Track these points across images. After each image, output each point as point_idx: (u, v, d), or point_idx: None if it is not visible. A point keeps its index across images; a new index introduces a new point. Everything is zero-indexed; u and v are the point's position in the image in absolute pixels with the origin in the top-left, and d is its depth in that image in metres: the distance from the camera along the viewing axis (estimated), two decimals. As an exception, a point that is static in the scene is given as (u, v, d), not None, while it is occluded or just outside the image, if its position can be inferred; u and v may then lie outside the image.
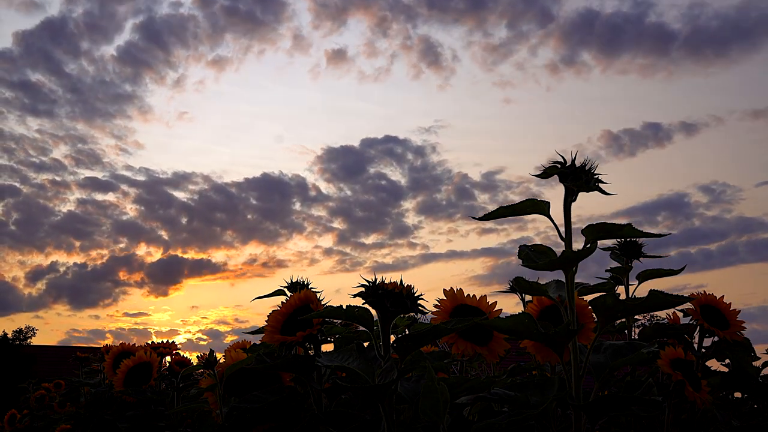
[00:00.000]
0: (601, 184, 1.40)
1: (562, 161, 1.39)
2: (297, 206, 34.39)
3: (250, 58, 32.97)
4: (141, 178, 34.93)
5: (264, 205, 33.97)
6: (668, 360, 1.64)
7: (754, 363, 2.11)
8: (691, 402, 1.66)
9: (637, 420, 1.92)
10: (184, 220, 33.97)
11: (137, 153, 35.72)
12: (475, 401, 1.51)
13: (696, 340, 1.90)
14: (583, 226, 1.42)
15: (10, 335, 23.32)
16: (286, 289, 2.06)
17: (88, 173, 35.08)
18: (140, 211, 33.93)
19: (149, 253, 33.71)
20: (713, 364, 2.04)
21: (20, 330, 24.08)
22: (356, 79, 34.06)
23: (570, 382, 1.43)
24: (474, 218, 1.51)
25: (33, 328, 24.48)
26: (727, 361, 2.10)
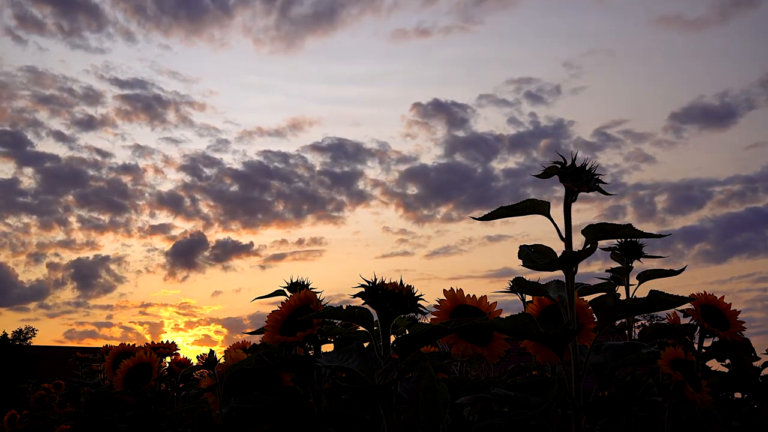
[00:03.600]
0: (600, 185, 1.40)
1: (563, 161, 1.39)
2: (367, 175, 29.58)
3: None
4: (194, 142, 29.89)
5: (327, 175, 29.24)
6: (668, 360, 1.64)
7: (754, 363, 2.11)
8: (692, 402, 1.66)
9: (637, 420, 1.92)
10: (229, 193, 29.24)
11: (201, 102, 30.04)
12: (475, 401, 1.51)
13: (696, 340, 1.90)
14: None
15: (10, 335, 23.30)
16: (286, 290, 2.06)
17: (135, 133, 30.57)
18: (182, 182, 29.56)
19: (183, 233, 29.75)
20: (713, 364, 2.04)
21: (20, 330, 24.04)
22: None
23: (570, 382, 1.43)
24: (474, 218, 1.51)
25: (33, 329, 24.42)
26: (727, 361, 2.10)
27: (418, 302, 1.51)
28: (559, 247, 1.44)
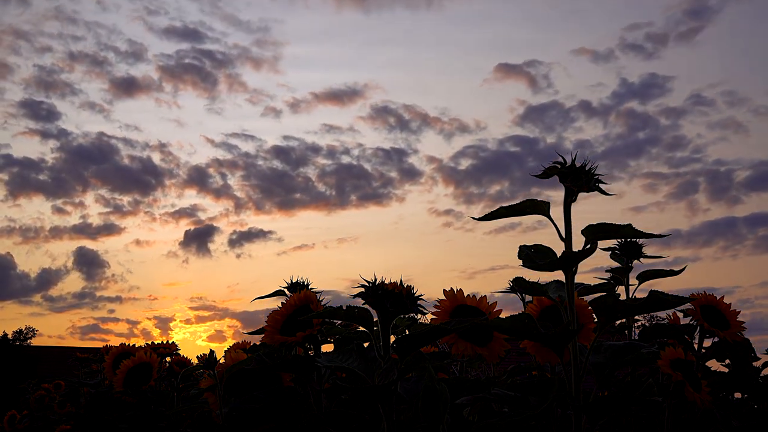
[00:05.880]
0: (600, 185, 1.40)
1: (563, 161, 1.39)
2: (421, 150, 26.22)
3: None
4: (239, 110, 25.65)
5: (376, 151, 25.99)
6: (668, 360, 1.64)
7: (754, 363, 2.11)
8: (691, 402, 1.66)
9: (637, 420, 1.92)
10: (265, 172, 26.07)
11: (255, 58, 25.99)
12: (475, 401, 1.51)
13: (696, 340, 1.90)
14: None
15: (10, 335, 23.27)
16: (285, 290, 2.06)
17: (177, 100, 26.13)
18: (215, 160, 26.36)
19: (208, 219, 27.18)
20: (713, 364, 2.04)
21: (20, 330, 23.97)
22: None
23: (570, 382, 1.43)
24: (473, 218, 1.51)
25: (33, 329, 24.31)
26: (727, 361, 2.10)
27: (418, 302, 1.51)
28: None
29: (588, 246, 1.41)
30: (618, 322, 2.09)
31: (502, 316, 1.55)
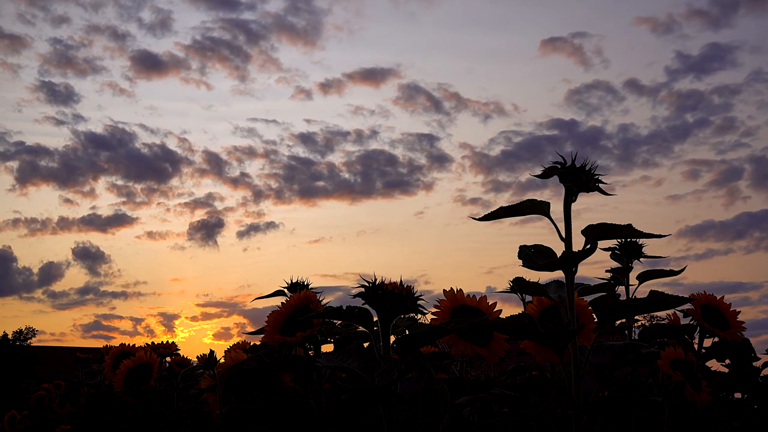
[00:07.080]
0: (600, 185, 1.40)
1: (563, 161, 1.39)
2: (455, 135, 24.65)
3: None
4: (267, 93, 24.25)
5: (407, 137, 24.10)
6: (668, 360, 1.64)
7: (754, 363, 2.11)
8: (691, 402, 1.66)
9: (637, 420, 1.92)
10: (285, 161, 24.26)
11: (292, 27, 23.96)
12: (475, 401, 1.51)
13: (696, 340, 1.90)
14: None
15: (10, 335, 23.20)
16: (285, 290, 2.06)
17: (206, 79, 24.54)
18: (232, 148, 24.65)
19: (222, 210, 25.25)
20: (713, 364, 2.04)
21: (20, 330, 23.87)
22: None
23: (570, 382, 1.43)
24: (473, 219, 1.51)
25: (33, 329, 24.17)
26: (728, 361, 2.10)
27: (418, 302, 1.51)
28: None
29: (588, 246, 1.41)
30: (618, 322, 2.09)
31: (502, 316, 1.55)
